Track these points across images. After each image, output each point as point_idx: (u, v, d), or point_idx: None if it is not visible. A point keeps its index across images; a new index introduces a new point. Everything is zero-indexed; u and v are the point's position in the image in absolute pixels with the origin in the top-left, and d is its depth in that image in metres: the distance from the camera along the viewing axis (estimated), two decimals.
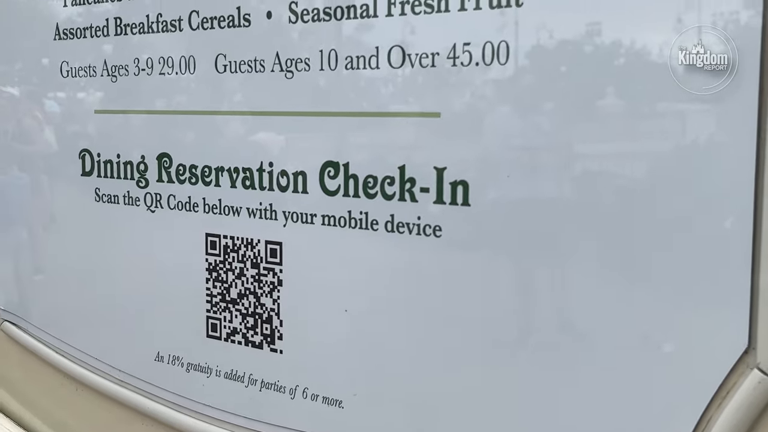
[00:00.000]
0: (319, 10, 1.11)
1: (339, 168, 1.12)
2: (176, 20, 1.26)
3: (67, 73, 1.44)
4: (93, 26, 1.38)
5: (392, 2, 1.04)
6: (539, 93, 0.96)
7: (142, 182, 1.34)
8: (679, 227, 0.87)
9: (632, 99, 0.90)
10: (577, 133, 0.94)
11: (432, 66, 1.02)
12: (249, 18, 1.18)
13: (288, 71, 1.14)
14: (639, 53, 0.89)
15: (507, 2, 0.95)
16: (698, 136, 0.86)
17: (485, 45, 0.97)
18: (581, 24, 0.92)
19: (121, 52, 1.34)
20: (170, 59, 1.28)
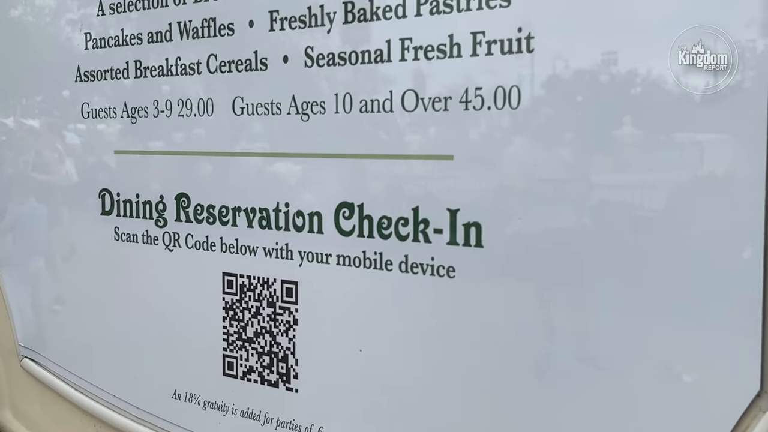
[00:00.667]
0: (335, 54, 1.13)
1: (354, 209, 1.13)
2: (195, 64, 1.29)
3: (87, 114, 1.47)
4: (113, 69, 1.41)
5: (406, 48, 1.06)
6: (550, 137, 0.97)
7: (161, 222, 1.36)
8: (689, 272, 0.88)
9: (644, 141, 0.91)
10: (589, 176, 0.95)
11: (445, 110, 1.03)
12: (266, 62, 1.21)
13: (304, 114, 1.17)
14: (650, 94, 0.90)
15: (518, 48, 0.97)
16: (715, 168, 0.88)
17: (497, 90, 0.99)
18: (591, 69, 0.93)
19: (141, 94, 1.37)
20: (189, 101, 1.31)
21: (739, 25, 0.85)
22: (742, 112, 0.85)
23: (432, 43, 1.04)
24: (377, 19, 1.09)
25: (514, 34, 0.97)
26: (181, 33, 1.30)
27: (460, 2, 1.01)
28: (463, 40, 1.01)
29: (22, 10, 1.60)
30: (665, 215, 0.91)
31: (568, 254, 0.96)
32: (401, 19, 1.06)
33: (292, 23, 1.17)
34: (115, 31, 1.40)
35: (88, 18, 1.45)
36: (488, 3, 0.99)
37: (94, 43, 1.44)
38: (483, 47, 1.00)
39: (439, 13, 1.03)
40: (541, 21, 0.96)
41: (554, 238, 0.97)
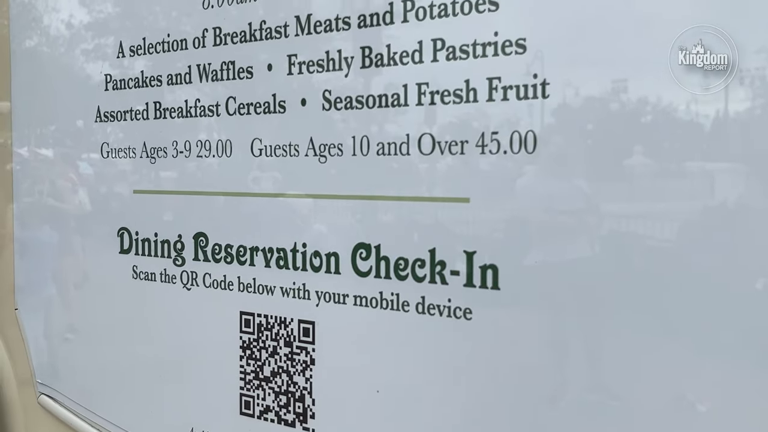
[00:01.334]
0: (352, 98, 1.15)
1: (371, 250, 1.15)
2: (214, 105, 1.31)
3: (107, 153, 1.49)
4: (133, 110, 1.44)
5: (422, 92, 1.08)
6: (566, 181, 0.98)
7: (179, 261, 1.38)
8: (704, 302, 0.89)
9: (658, 173, 0.92)
10: (606, 221, 0.96)
11: (461, 153, 1.05)
12: (284, 104, 1.23)
13: (321, 156, 1.18)
14: (663, 131, 0.92)
15: (534, 94, 0.98)
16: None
17: (513, 134, 1.01)
18: (606, 114, 0.95)
19: (160, 134, 1.39)
20: (207, 142, 1.33)
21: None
22: (755, 139, 0.86)
23: (448, 87, 1.06)
24: (394, 64, 1.10)
25: (530, 80, 0.99)
26: (200, 75, 1.33)
27: (476, 49, 1.03)
28: (479, 85, 1.03)
29: (44, 55, 1.64)
30: (680, 247, 0.92)
31: (586, 298, 0.97)
32: (418, 64, 1.08)
33: (310, 67, 1.19)
34: (135, 72, 1.43)
35: (108, 60, 1.47)
36: (504, 50, 1.00)
37: (114, 84, 1.46)
38: (499, 92, 1.01)
39: (455, 59, 1.05)
40: (555, 68, 0.97)
41: (570, 282, 0.98)
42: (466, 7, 1.03)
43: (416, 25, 1.08)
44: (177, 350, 1.40)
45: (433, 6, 1.06)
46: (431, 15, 1.07)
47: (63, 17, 1.60)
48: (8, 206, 1.72)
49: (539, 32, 0.99)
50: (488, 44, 1.02)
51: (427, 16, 1.07)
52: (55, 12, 1.61)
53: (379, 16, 1.12)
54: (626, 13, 0.93)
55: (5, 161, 1.73)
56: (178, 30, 1.36)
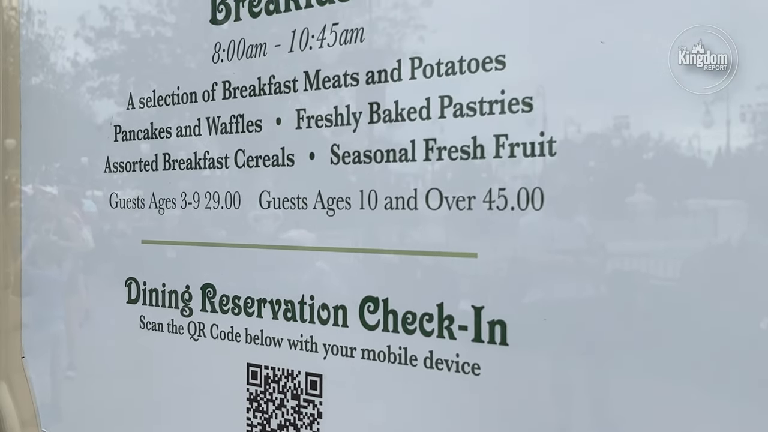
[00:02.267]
0: (360, 152, 1.16)
1: (378, 303, 1.15)
2: (223, 158, 1.33)
3: (116, 204, 1.50)
4: (142, 161, 1.45)
5: (430, 148, 1.09)
6: (573, 238, 0.99)
7: (186, 311, 1.38)
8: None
9: (663, 246, 0.93)
10: (614, 277, 0.97)
11: (469, 208, 1.06)
12: (293, 158, 1.24)
13: (329, 209, 1.19)
14: (670, 196, 0.92)
15: (540, 151, 1.00)
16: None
17: (520, 190, 1.01)
18: (613, 172, 0.96)
19: (169, 186, 1.41)
20: (216, 194, 1.34)
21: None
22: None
23: (456, 144, 1.07)
24: (402, 120, 1.12)
25: (537, 138, 1.00)
26: (209, 128, 1.34)
27: (483, 106, 1.04)
28: (487, 142, 1.04)
29: (54, 99, 1.66)
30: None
31: (595, 354, 0.97)
32: (425, 120, 1.10)
33: (318, 122, 1.20)
34: (144, 124, 1.44)
35: (118, 110, 1.49)
36: (511, 108, 1.02)
37: (123, 135, 1.48)
38: (506, 149, 1.03)
39: (462, 116, 1.06)
40: (562, 126, 0.98)
41: (579, 338, 0.98)
42: (473, 65, 1.05)
43: (424, 82, 1.10)
44: (184, 401, 1.40)
45: (441, 64, 1.08)
46: (438, 72, 1.08)
47: (73, 60, 1.62)
48: (16, 245, 1.73)
49: (546, 91, 1.00)
50: (495, 102, 1.03)
51: (435, 74, 1.09)
52: (64, 55, 1.63)
53: (386, 73, 1.13)
54: (633, 74, 0.94)
55: (11, 198, 1.74)
56: (188, 83, 1.37)
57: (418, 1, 1.12)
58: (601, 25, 0.96)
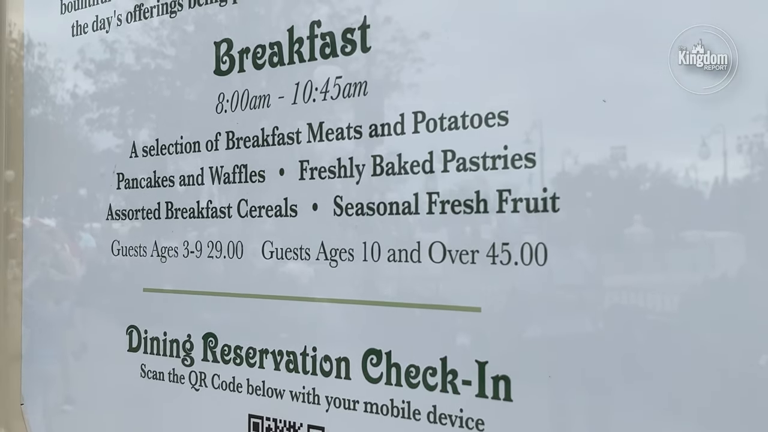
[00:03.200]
0: (363, 204, 1.16)
1: (381, 356, 1.15)
2: (225, 207, 1.33)
3: (118, 251, 1.50)
4: (145, 209, 1.45)
5: (433, 201, 1.10)
6: (577, 294, 0.99)
7: (188, 361, 1.38)
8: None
9: (670, 309, 0.93)
10: (619, 338, 0.97)
11: (472, 262, 1.06)
12: (296, 209, 1.24)
13: (332, 260, 1.20)
14: (669, 245, 0.93)
15: (544, 207, 1.00)
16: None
17: (524, 246, 1.02)
18: (618, 230, 0.96)
19: (171, 234, 1.41)
20: (219, 243, 1.34)
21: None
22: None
23: (459, 198, 1.07)
24: (405, 173, 1.12)
25: (540, 194, 1.00)
26: (213, 177, 1.35)
27: (486, 161, 1.05)
28: (490, 196, 1.05)
29: (56, 141, 1.66)
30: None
31: (601, 411, 0.97)
32: (429, 173, 1.10)
33: (322, 173, 1.21)
34: (147, 173, 1.45)
35: (121, 159, 1.50)
36: (514, 163, 1.02)
37: (126, 183, 1.48)
38: (509, 204, 1.03)
39: (465, 170, 1.07)
40: (565, 182, 0.99)
41: (584, 396, 0.98)
42: (476, 120, 1.06)
43: (427, 136, 1.11)
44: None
45: (444, 118, 1.09)
46: (441, 127, 1.09)
47: (77, 98, 1.63)
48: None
49: (549, 147, 1.01)
50: (498, 157, 1.04)
51: (438, 128, 1.10)
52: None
53: (389, 126, 1.14)
54: (638, 132, 0.95)
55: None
56: (192, 132, 1.38)
57: (422, 57, 1.13)
58: (603, 83, 0.96)
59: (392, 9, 1.14)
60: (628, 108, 0.95)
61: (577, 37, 0.99)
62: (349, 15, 1.19)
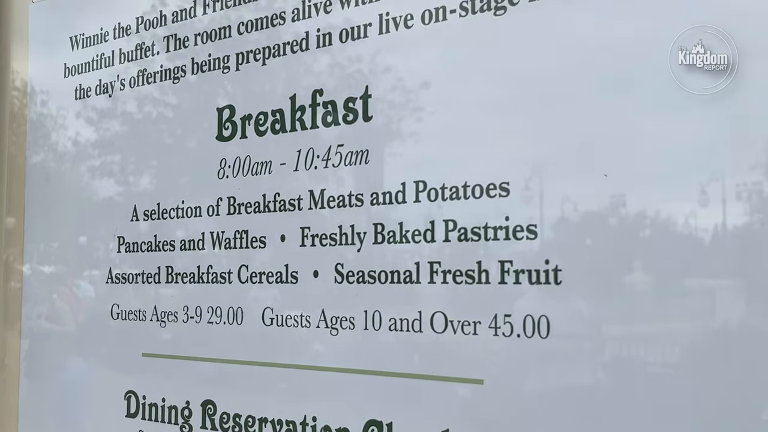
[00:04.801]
0: (364, 272, 1.16)
1: (383, 427, 1.13)
2: (226, 273, 1.33)
3: (117, 315, 1.50)
4: (144, 273, 1.45)
5: (434, 271, 1.09)
6: (579, 367, 0.98)
7: (186, 428, 1.36)
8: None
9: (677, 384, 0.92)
10: (626, 402, 0.96)
11: (474, 333, 1.05)
12: (296, 275, 1.24)
13: (333, 328, 1.19)
14: (685, 336, 0.92)
15: (546, 279, 1.00)
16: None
17: (526, 318, 1.01)
18: (621, 302, 0.96)
19: (171, 299, 1.40)
20: (219, 309, 1.33)
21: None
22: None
23: (461, 268, 1.07)
24: (406, 242, 1.12)
25: (542, 266, 1.00)
26: (213, 243, 1.35)
27: (488, 231, 1.05)
28: (491, 267, 1.05)
29: (56, 212, 1.67)
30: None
31: None
32: (430, 243, 1.10)
33: (323, 240, 1.21)
34: (148, 237, 1.45)
35: (121, 223, 1.50)
36: (515, 234, 1.02)
37: (126, 247, 1.48)
38: (511, 275, 1.03)
39: (467, 240, 1.06)
40: (567, 254, 0.99)
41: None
42: (477, 191, 1.06)
43: (428, 205, 1.11)
44: None
45: (445, 188, 1.09)
46: (443, 197, 1.09)
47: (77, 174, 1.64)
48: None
49: (550, 219, 1.01)
50: (499, 228, 1.04)
51: (439, 198, 1.10)
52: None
53: (391, 195, 1.14)
54: (642, 202, 0.95)
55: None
56: (193, 197, 1.39)
57: (423, 127, 1.13)
58: (604, 158, 0.97)
59: (395, 79, 1.16)
60: (631, 177, 0.96)
61: (577, 107, 1.00)
62: (351, 84, 1.20)
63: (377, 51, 1.18)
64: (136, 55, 1.51)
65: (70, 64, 1.63)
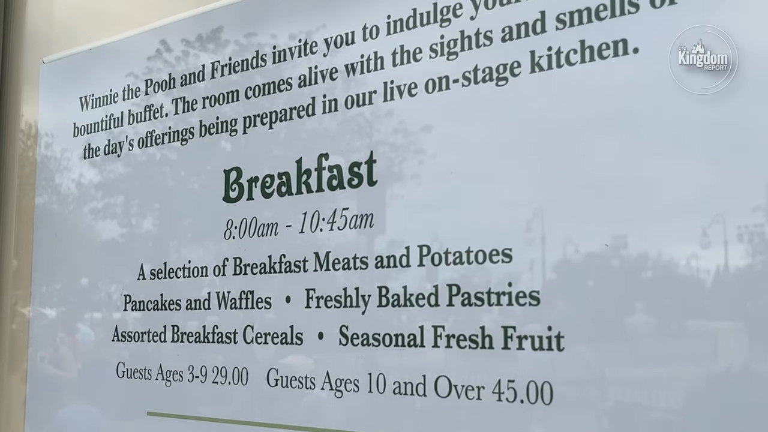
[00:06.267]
0: (369, 335, 1.17)
1: None
2: (231, 333, 1.34)
3: (123, 373, 1.50)
4: (151, 331, 1.46)
5: (438, 334, 1.11)
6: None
7: None
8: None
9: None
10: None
11: (478, 398, 1.06)
12: (301, 336, 1.25)
13: (338, 390, 1.20)
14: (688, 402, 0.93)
15: (549, 346, 1.01)
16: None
17: (529, 384, 1.02)
18: (625, 372, 0.97)
19: (177, 358, 1.41)
20: (224, 369, 1.34)
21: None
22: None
23: (464, 332, 1.08)
24: (410, 305, 1.14)
25: (545, 332, 1.01)
26: (219, 303, 1.36)
27: (491, 297, 1.06)
28: (495, 332, 1.06)
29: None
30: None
31: None
32: (434, 307, 1.12)
33: (327, 302, 1.22)
34: (154, 295, 1.46)
35: (128, 281, 1.52)
36: (518, 300, 1.04)
37: (133, 305, 1.50)
38: (514, 341, 1.04)
39: (470, 305, 1.08)
40: (570, 322, 1.00)
41: None
42: (480, 256, 1.08)
43: (432, 270, 1.12)
44: None
45: (449, 253, 1.11)
46: (446, 261, 1.11)
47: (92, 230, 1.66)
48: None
49: (552, 285, 1.03)
50: (502, 294, 1.05)
51: (443, 262, 1.11)
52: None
53: (395, 258, 1.16)
54: (644, 268, 0.97)
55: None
56: (199, 257, 1.40)
57: (428, 192, 1.15)
58: (607, 226, 0.99)
59: (399, 146, 1.18)
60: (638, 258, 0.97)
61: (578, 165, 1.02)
62: (357, 149, 1.22)
63: (381, 117, 1.21)
64: (145, 116, 1.54)
65: (80, 124, 1.66)
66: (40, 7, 1.86)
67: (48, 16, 1.86)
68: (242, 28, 1.41)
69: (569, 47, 1.04)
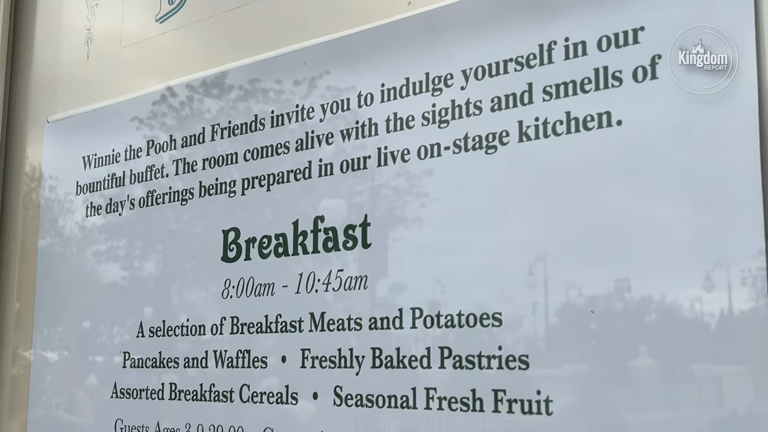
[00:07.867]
0: (362, 396, 1.19)
1: None
2: (228, 392, 1.36)
3: (121, 430, 1.52)
4: (149, 389, 1.48)
5: (430, 397, 1.13)
6: None
7: None
8: None
9: None
10: None
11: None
12: (296, 396, 1.27)
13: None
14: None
15: (538, 410, 1.03)
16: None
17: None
18: (616, 419, 0.99)
19: (174, 416, 1.43)
20: (220, 427, 1.36)
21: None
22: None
23: (455, 395, 1.10)
24: (403, 367, 1.16)
25: (533, 396, 1.03)
26: (216, 361, 1.38)
27: (481, 360, 1.08)
28: (485, 395, 1.08)
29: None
30: None
31: None
32: (426, 369, 1.14)
33: (322, 362, 1.24)
34: (153, 353, 1.48)
35: (128, 339, 1.54)
36: (508, 364, 1.06)
37: (132, 362, 1.52)
38: (504, 404, 1.06)
39: (462, 368, 1.10)
40: (558, 385, 1.02)
41: None
42: (471, 320, 1.10)
43: (424, 332, 1.15)
44: None
45: (440, 316, 1.13)
46: (438, 324, 1.13)
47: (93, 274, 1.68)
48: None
49: (541, 350, 1.05)
50: (492, 357, 1.07)
51: (434, 325, 1.14)
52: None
53: (389, 320, 1.18)
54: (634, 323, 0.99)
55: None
56: (197, 316, 1.43)
57: (420, 254, 1.18)
58: (593, 295, 1.01)
59: (392, 209, 1.21)
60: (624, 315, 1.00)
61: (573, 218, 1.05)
62: (351, 212, 1.26)
63: (375, 181, 1.24)
64: (146, 176, 1.57)
65: (82, 182, 1.69)
66: (45, 66, 1.91)
67: (53, 74, 1.90)
68: (242, 92, 1.45)
69: (556, 118, 1.07)
